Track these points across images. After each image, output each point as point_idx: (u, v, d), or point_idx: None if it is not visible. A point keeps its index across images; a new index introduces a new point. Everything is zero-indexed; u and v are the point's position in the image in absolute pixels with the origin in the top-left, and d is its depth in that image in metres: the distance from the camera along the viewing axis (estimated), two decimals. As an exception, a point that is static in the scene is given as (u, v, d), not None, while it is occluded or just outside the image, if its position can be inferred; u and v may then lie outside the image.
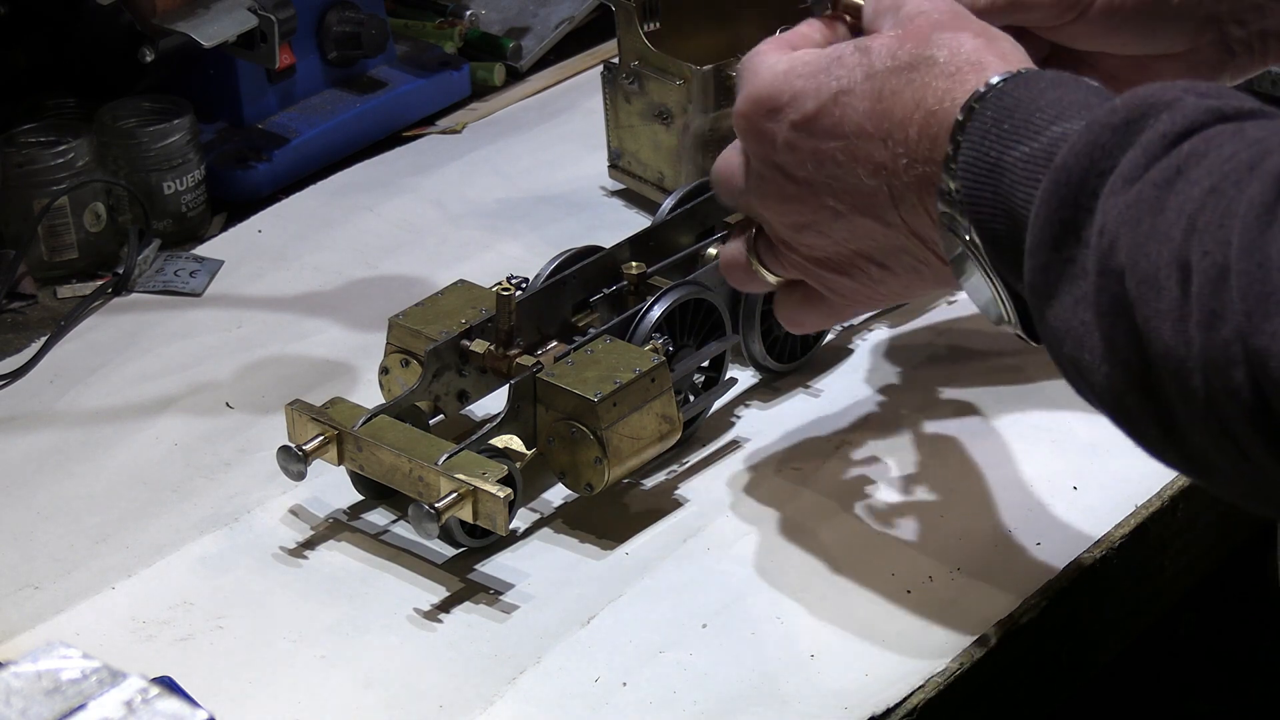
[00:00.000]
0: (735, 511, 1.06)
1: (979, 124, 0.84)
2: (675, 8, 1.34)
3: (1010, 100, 0.84)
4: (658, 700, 0.94)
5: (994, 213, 0.84)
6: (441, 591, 1.01)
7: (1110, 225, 0.76)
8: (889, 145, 0.88)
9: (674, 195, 1.19)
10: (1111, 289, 0.75)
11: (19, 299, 1.28)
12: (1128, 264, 0.75)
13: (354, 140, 1.45)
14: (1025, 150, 0.82)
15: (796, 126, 0.92)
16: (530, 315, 1.10)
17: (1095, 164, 0.78)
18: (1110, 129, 0.79)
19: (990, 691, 0.97)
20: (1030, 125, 0.83)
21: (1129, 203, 0.76)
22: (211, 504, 1.08)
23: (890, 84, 0.89)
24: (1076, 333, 0.78)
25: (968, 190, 0.84)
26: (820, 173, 0.92)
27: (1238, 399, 0.71)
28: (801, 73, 0.92)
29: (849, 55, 0.91)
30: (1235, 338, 0.70)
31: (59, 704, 0.63)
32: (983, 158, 0.84)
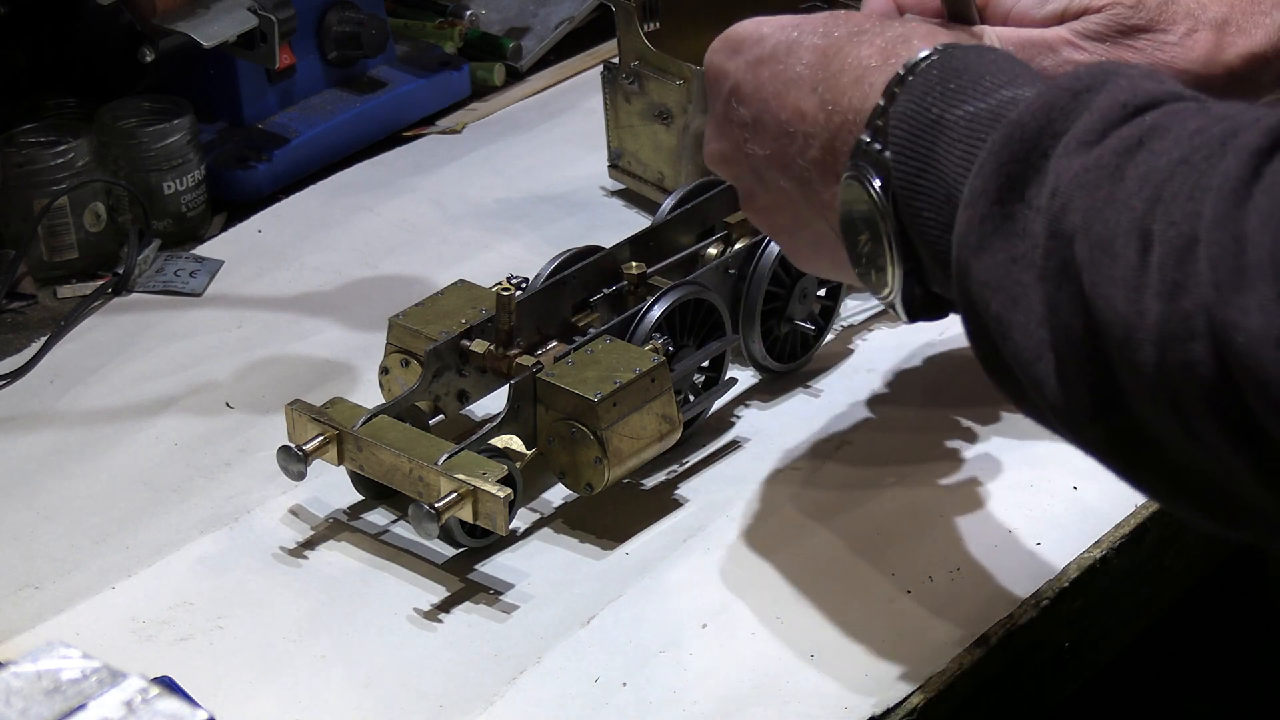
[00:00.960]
0: (735, 511, 1.06)
1: (922, 80, 0.84)
2: (675, 8, 1.34)
3: (959, 62, 0.84)
4: (658, 700, 0.94)
5: (923, 168, 0.83)
6: (441, 591, 1.01)
7: (1064, 188, 0.75)
8: (818, 92, 0.89)
9: (674, 195, 1.19)
10: (1061, 252, 0.75)
11: (19, 299, 1.28)
12: (1081, 227, 0.74)
13: (354, 140, 1.45)
14: (970, 109, 0.82)
15: (749, 67, 0.93)
16: (530, 315, 1.10)
17: (1051, 124, 0.78)
18: (1070, 93, 0.78)
19: (990, 691, 0.97)
20: (979, 86, 0.83)
21: (1086, 166, 0.75)
22: (211, 504, 1.08)
23: (841, 39, 0.90)
24: (1010, 290, 0.77)
25: (897, 143, 0.84)
26: (751, 114, 0.93)
27: (1194, 373, 0.69)
28: (772, 24, 0.94)
29: (819, 17, 0.93)
30: (1198, 310, 0.69)
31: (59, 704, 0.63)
32: (923, 113, 0.83)
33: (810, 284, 1.15)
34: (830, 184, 0.89)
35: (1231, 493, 0.72)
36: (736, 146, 0.95)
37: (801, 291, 1.15)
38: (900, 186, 0.84)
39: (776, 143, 0.92)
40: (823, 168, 0.89)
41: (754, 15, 1.36)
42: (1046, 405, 0.77)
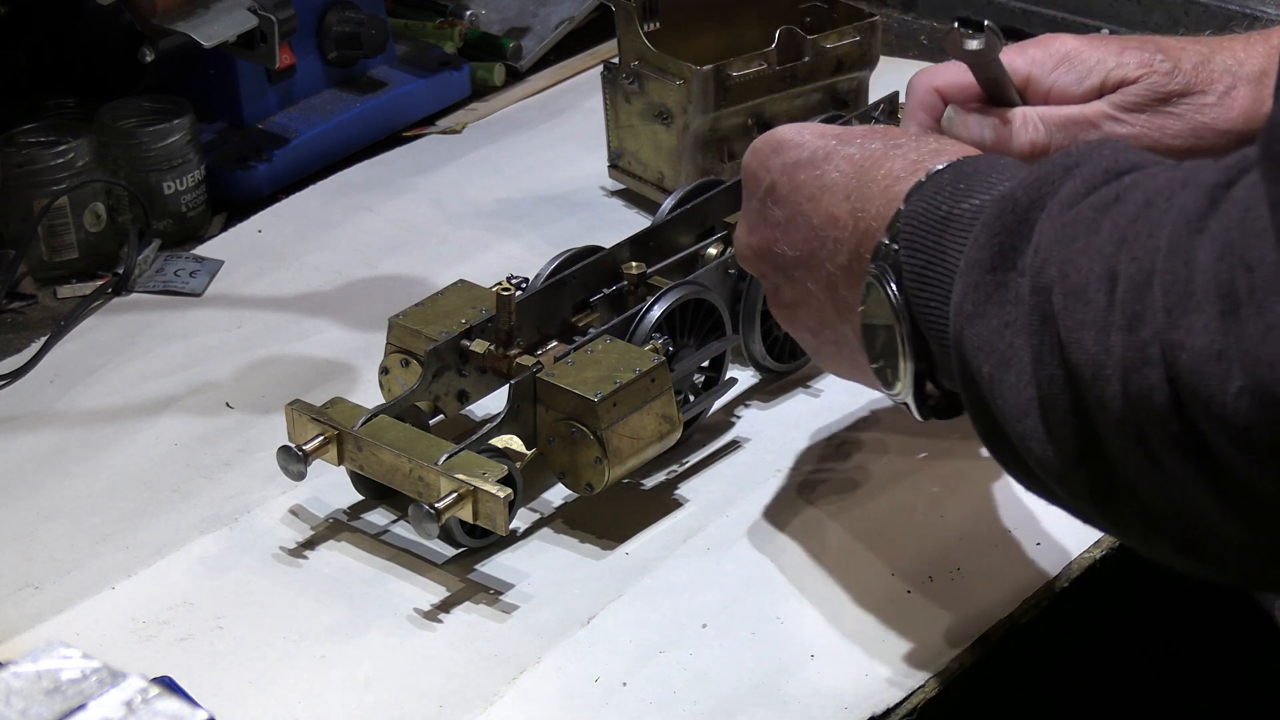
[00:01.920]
0: (735, 511, 1.06)
1: (935, 184, 0.86)
2: (675, 8, 1.34)
3: (970, 167, 0.87)
4: (658, 700, 0.94)
5: (929, 260, 0.85)
6: (441, 591, 1.01)
7: (1044, 244, 0.77)
8: (850, 200, 0.91)
9: (674, 195, 1.19)
10: (1042, 306, 0.76)
11: (19, 299, 1.28)
12: (1057, 278, 0.75)
13: (354, 140, 1.45)
14: (975, 202, 0.84)
15: (787, 169, 0.95)
16: (530, 315, 1.10)
17: (1041, 196, 0.79)
18: (1062, 168, 0.80)
19: (990, 691, 0.97)
20: (985, 182, 0.85)
21: (1065, 223, 0.76)
22: (211, 504, 1.08)
23: (877, 152, 0.92)
24: (1001, 354, 0.78)
25: (906, 239, 0.86)
26: (785, 216, 0.95)
27: (1150, 400, 0.70)
28: (814, 130, 0.96)
29: (861, 129, 0.95)
30: (1153, 337, 0.70)
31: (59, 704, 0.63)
32: (933, 211, 0.85)
33: (810, 284, 1.15)
34: (855, 288, 0.90)
35: (1201, 526, 0.73)
36: (768, 245, 0.96)
37: (801, 291, 1.15)
38: (909, 280, 0.86)
39: (807, 245, 0.93)
40: (849, 273, 0.91)
41: (753, 17, 1.36)
42: (1034, 460, 0.78)
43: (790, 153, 0.96)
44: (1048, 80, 1.05)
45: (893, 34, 1.62)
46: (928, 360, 0.87)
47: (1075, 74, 1.04)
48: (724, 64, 1.27)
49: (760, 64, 1.29)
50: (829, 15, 1.35)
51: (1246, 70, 1.03)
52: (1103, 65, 1.04)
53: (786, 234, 0.95)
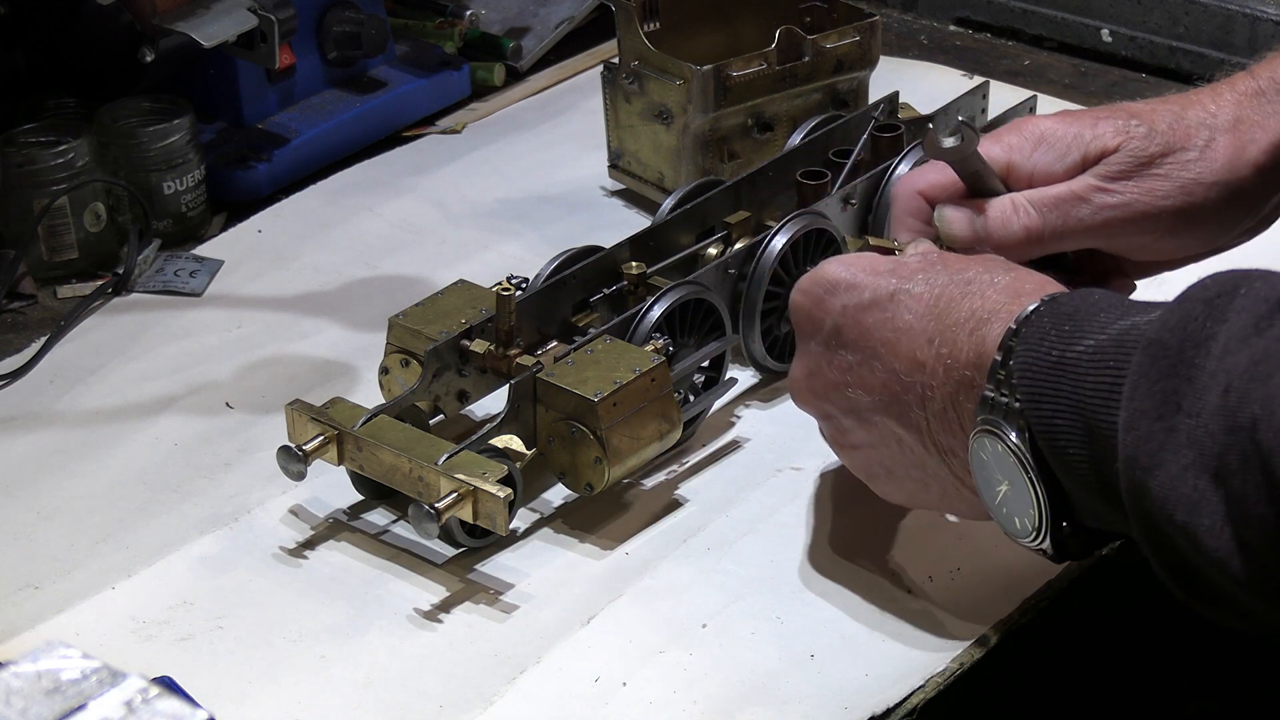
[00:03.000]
0: (735, 511, 1.06)
1: (1035, 329, 0.86)
2: (675, 8, 1.34)
3: (1068, 307, 0.86)
4: (658, 700, 0.94)
5: (1057, 408, 0.84)
6: (441, 591, 1.01)
7: (1237, 384, 0.76)
8: (934, 345, 0.91)
9: (674, 195, 1.19)
10: (1241, 445, 0.75)
11: (19, 299, 1.28)
12: (1262, 416, 0.75)
13: (354, 140, 1.45)
14: (1090, 344, 0.83)
15: (849, 311, 0.95)
16: (530, 315, 1.10)
17: (1190, 335, 0.79)
18: (1203, 303, 0.80)
19: (990, 691, 0.97)
20: (1094, 322, 0.84)
21: (1254, 359, 0.76)
22: (211, 504, 1.08)
23: (949, 291, 0.91)
24: (1189, 499, 0.78)
25: (1025, 390, 0.85)
26: (857, 360, 0.94)
27: None
28: (865, 267, 0.96)
29: (913, 261, 0.95)
30: None
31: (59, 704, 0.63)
32: (1042, 358, 0.85)
33: (810, 284, 1.15)
34: (953, 434, 0.90)
35: None
36: (834, 387, 0.96)
37: (801, 291, 1.15)
38: (1040, 431, 0.85)
39: (888, 390, 0.93)
40: (944, 419, 0.91)
41: (753, 17, 1.37)
42: (1250, 598, 0.79)
43: (848, 294, 0.95)
44: (1029, 164, 1.05)
45: (893, 34, 1.62)
46: (1064, 504, 0.87)
47: (1055, 153, 1.04)
48: (724, 64, 1.27)
49: (760, 64, 1.29)
50: (829, 15, 1.35)
51: (1221, 121, 1.04)
52: (1080, 140, 1.04)
53: (861, 378, 0.95)
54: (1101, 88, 1.54)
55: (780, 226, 1.14)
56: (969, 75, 1.51)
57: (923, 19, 1.66)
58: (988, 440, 0.87)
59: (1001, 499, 0.88)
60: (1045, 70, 1.57)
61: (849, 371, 0.95)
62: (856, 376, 0.95)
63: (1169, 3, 1.54)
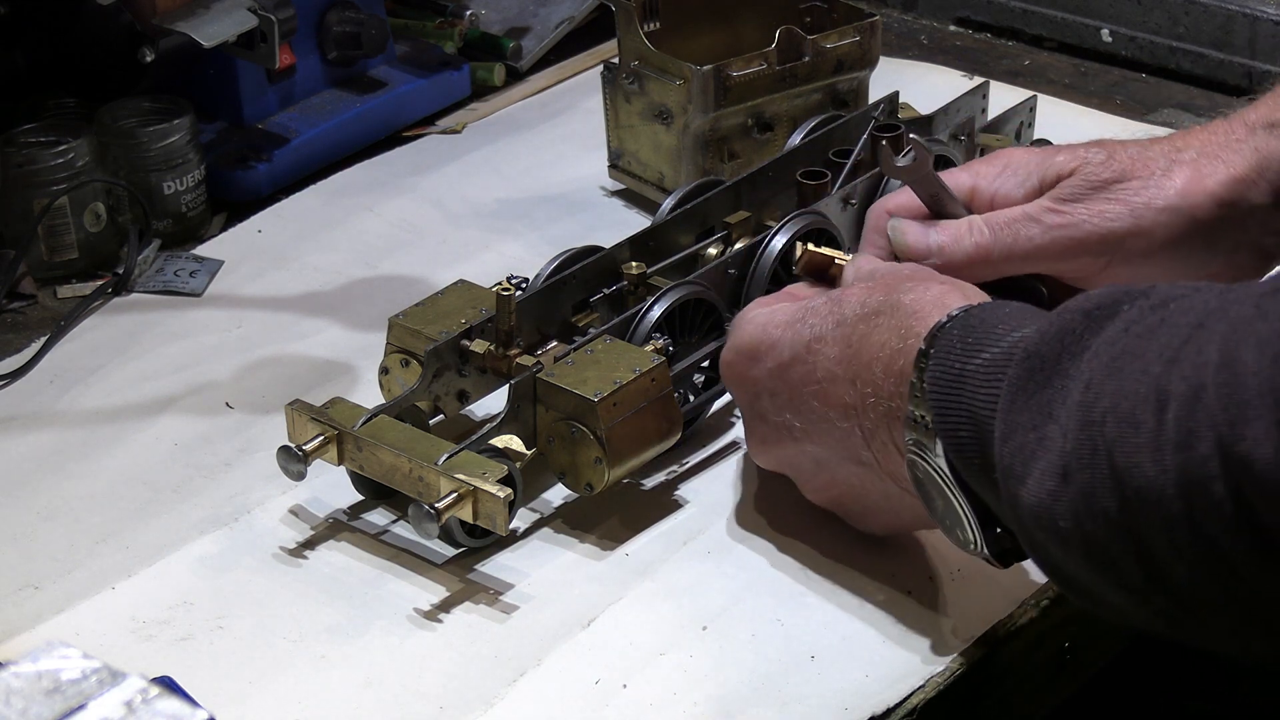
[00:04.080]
0: (735, 513, 1.06)
1: (943, 344, 0.88)
2: (675, 8, 1.34)
3: (974, 319, 0.88)
4: (658, 702, 0.94)
5: (959, 421, 0.86)
6: (441, 591, 1.01)
7: (1096, 380, 0.77)
8: (857, 386, 0.93)
9: (674, 195, 1.19)
10: (1092, 441, 0.76)
11: (19, 299, 1.28)
12: (1109, 409, 0.76)
13: (354, 140, 1.45)
14: (986, 356, 0.85)
15: (774, 374, 0.98)
16: (530, 315, 1.10)
17: (1067, 346, 0.80)
18: (1082, 314, 0.81)
19: (990, 691, 0.97)
20: (992, 335, 0.86)
21: (1114, 356, 0.77)
22: (211, 504, 1.08)
23: (859, 329, 0.94)
24: (1045, 505, 0.79)
25: (935, 406, 0.87)
26: (798, 418, 0.97)
27: (1220, 512, 0.71)
28: (779, 322, 0.98)
29: (821, 305, 0.97)
30: (1213, 452, 0.70)
31: (59, 704, 0.63)
32: (947, 371, 0.86)
33: (810, 284, 1.15)
34: (899, 463, 0.92)
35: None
36: (787, 448, 0.99)
37: (801, 292, 1.15)
38: (947, 443, 0.87)
39: (831, 439, 0.96)
40: (887, 451, 0.93)
41: (753, 17, 1.37)
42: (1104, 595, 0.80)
43: (769, 356, 0.98)
44: (991, 188, 1.07)
45: (893, 34, 1.62)
46: (988, 511, 0.88)
47: (1016, 178, 1.07)
48: (724, 64, 1.27)
49: (760, 64, 1.29)
50: (829, 15, 1.35)
51: (1184, 155, 1.05)
52: (1041, 167, 1.06)
53: (806, 434, 0.97)
54: (1101, 88, 1.54)
55: (780, 226, 1.14)
56: (969, 75, 1.51)
57: (923, 19, 1.66)
58: (918, 460, 0.89)
59: (940, 513, 0.90)
60: (1045, 70, 1.57)
61: (794, 431, 0.98)
62: (803, 433, 0.98)
63: (1169, 3, 1.55)
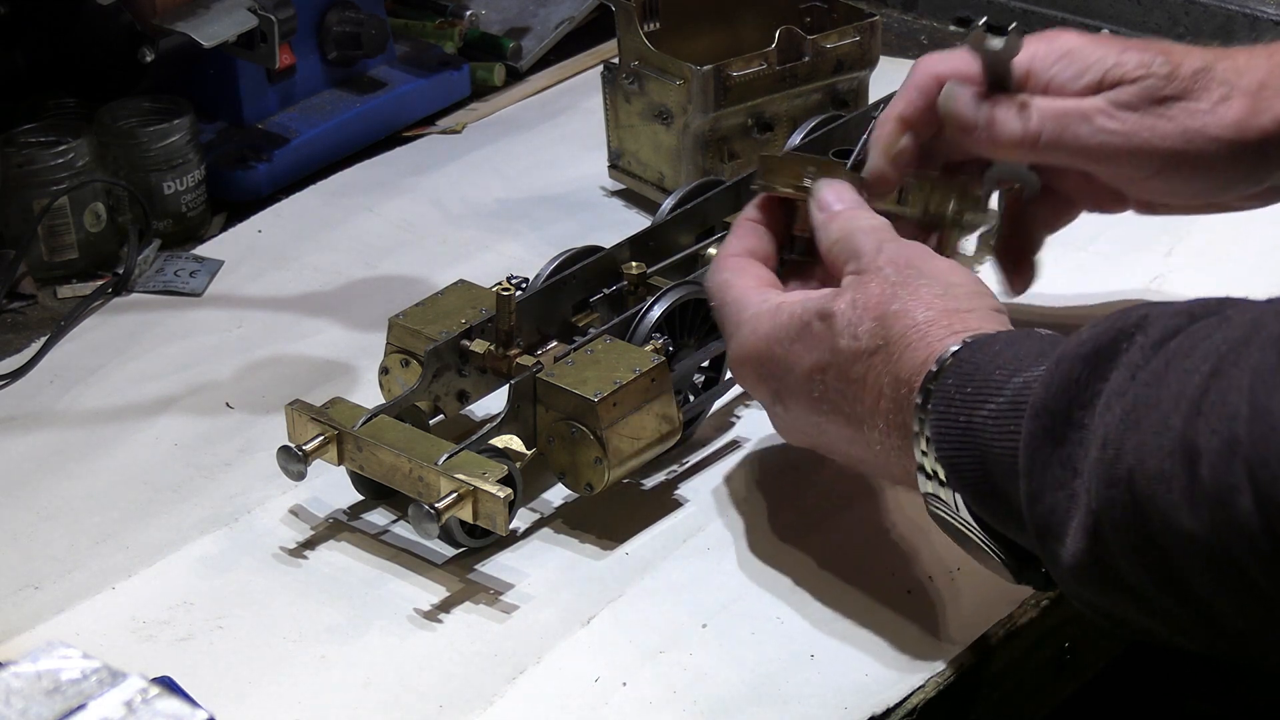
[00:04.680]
0: (735, 512, 1.06)
1: (940, 396, 0.87)
2: (675, 8, 1.34)
3: (968, 366, 0.87)
4: (658, 700, 0.94)
5: (975, 475, 0.86)
6: (441, 591, 1.01)
7: (1113, 437, 0.77)
8: (864, 429, 0.94)
9: (674, 195, 1.19)
10: (1122, 498, 0.76)
11: (19, 299, 1.28)
12: (1135, 466, 0.75)
13: (354, 140, 1.45)
14: (992, 407, 0.85)
15: (781, 395, 0.98)
16: (530, 315, 1.10)
17: (1075, 398, 0.80)
18: (1081, 360, 0.80)
19: (990, 691, 0.97)
20: (991, 382, 0.85)
21: (1126, 410, 0.77)
22: (211, 504, 1.08)
23: (855, 369, 0.93)
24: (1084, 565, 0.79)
25: (946, 461, 0.87)
26: (814, 429, 0.98)
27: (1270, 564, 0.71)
28: (781, 338, 0.97)
29: (816, 325, 0.95)
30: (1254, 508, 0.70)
31: (59, 704, 0.63)
32: (952, 426, 0.86)
33: (810, 284, 1.15)
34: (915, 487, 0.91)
35: None
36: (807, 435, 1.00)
37: (801, 291, 1.15)
38: (967, 497, 0.87)
39: (845, 454, 0.98)
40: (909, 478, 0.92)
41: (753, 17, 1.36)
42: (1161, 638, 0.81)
43: (775, 378, 0.98)
44: (1047, 74, 1.05)
45: (893, 34, 1.62)
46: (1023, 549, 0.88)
47: (1074, 69, 1.05)
48: (724, 64, 1.27)
49: (760, 64, 1.29)
50: (829, 15, 1.35)
51: (1245, 82, 1.03)
52: (1101, 63, 1.04)
53: (818, 441, 0.99)
54: (1101, 88, 1.54)
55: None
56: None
57: (923, 19, 1.66)
58: (938, 514, 0.90)
59: (973, 550, 0.90)
60: (1045, 70, 1.57)
61: (806, 434, 0.99)
62: (823, 445, 0.99)
63: (1169, 3, 1.54)
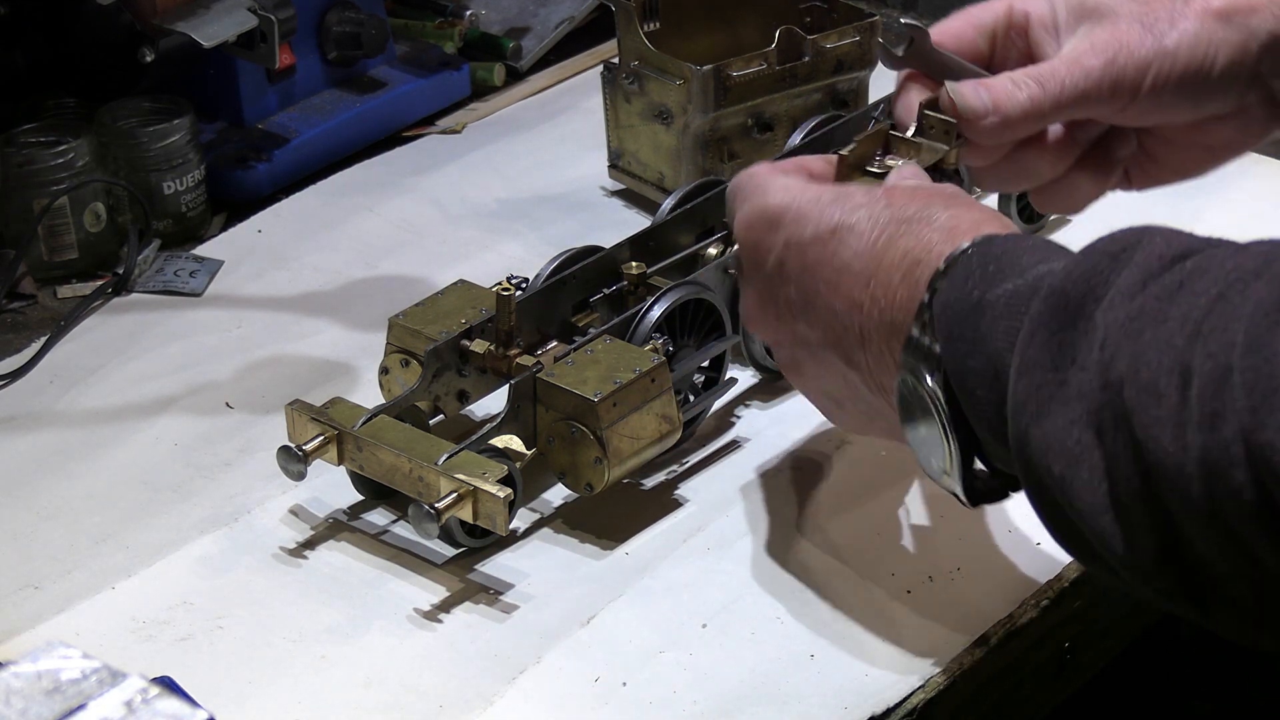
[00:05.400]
0: (735, 511, 1.06)
1: (962, 269, 0.86)
2: (675, 8, 1.34)
3: (997, 248, 0.86)
4: (658, 700, 0.94)
5: (970, 350, 0.84)
6: (441, 591, 1.01)
7: (1111, 338, 0.76)
8: (870, 287, 0.91)
9: (674, 195, 1.19)
10: (1113, 403, 0.76)
11: (19, 299, 1.28)
12: (1127, 374, 0.75)
13: (354, 140, 1.45)
14: (1009, 287, 0.84)
15: (790, 245, 0.94)
16: (530, 315, 1.10)
17: (1092, 289, 0.79)
18: (1108, 256, 0.80)
19: (990, 691, 0.97)
20: (1016, 266, 0.84)
21: (1130, 315, 0.76)
22: (211, 504, 1.08)
23: (890, 230, 0.91)
24: (1071, 452, 0.78)
25: (943, 329, 0.85)
26: (801, 297, 0.94)
27: (1240, 500, 0.70)
28: (810, 197, 0.95)
29: (859, 195, 0.94)
30: (1236, 437, 0.70)
31: (59, 704, 0.63)
32: (964, 298, 0.85)
33: (810, 284, 1.15)
34: (889, 375, 0.90)
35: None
36: (785, 324, 0.96)
37: (801, 291, 1.15)
38: (951, 371, 0.85)
39: (832, 331, 0.93)
40: (881, 361, 0.91)
41: (753, 17, 1.36)
42: (1116, 560, 0.78)
43: (792, 226, 0.94)
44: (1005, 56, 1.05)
45: (893, 34, 1.61)
46: (974, 446, 0.87)
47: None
48: (724, 64, 1.27)
49: (760, 64, 1.29)
50: (829, 15, 1.35)
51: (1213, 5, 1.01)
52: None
53: (806, 315, 0.94)
54: (1101, 88, 1.53)
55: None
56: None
57: (923, 19, 1.66)
58: (909, 380, 0.87)
59: (921, 438, 0.89)
60: (1045, 70, 1.57)
61: (794, 307, 0.95)
62: (802, 313, 0.94)
63: (1169, 3, 1.54)
